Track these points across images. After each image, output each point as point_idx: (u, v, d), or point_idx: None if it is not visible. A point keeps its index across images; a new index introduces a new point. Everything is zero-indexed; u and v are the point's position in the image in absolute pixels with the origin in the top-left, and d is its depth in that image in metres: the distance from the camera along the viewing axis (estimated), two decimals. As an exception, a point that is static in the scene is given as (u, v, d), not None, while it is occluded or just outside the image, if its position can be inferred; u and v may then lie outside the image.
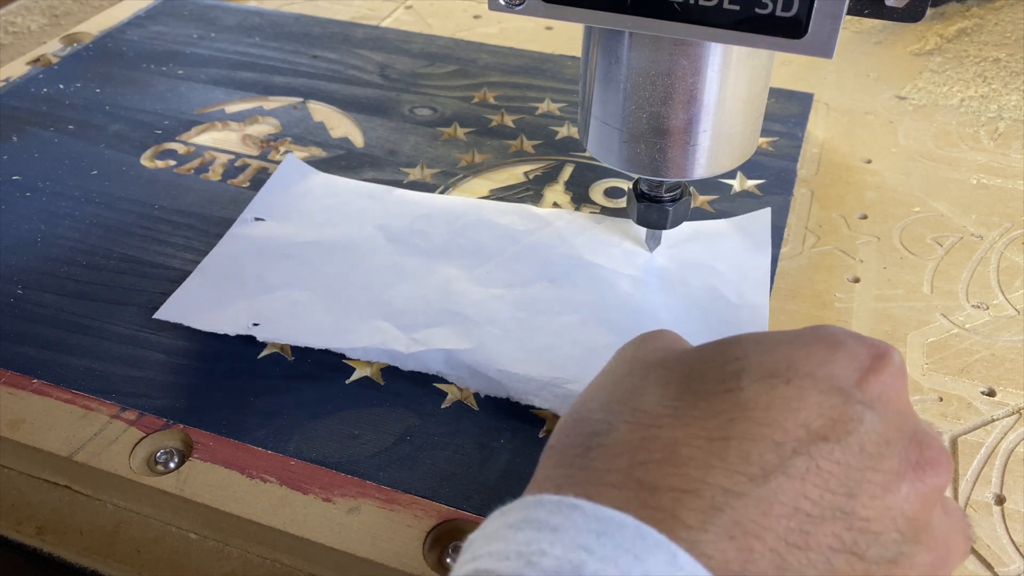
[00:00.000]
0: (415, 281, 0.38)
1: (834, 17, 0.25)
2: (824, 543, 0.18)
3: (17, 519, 0.31)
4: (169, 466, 0.31)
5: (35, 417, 0.33)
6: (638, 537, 0.17)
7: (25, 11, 0.64)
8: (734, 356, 0.21)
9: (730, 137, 0.31)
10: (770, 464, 0.19)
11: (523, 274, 0.39)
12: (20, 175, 0.46)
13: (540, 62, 0.55)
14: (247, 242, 0.41)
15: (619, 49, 0.30)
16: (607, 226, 0.41)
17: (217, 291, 0.38)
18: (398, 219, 0.42)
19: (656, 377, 0.22)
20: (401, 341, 0.35)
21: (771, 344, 0.22)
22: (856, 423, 0.20)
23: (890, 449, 0.20)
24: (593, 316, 0.36)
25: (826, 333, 0.22)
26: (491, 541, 0.18)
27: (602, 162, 0.33)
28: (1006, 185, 0.46)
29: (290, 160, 0.46)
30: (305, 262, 0.39)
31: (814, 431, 0.19)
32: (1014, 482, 0.31)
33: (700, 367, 0.22)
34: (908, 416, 0.21)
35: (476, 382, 0.34)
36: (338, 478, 0.31)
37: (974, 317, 0.38)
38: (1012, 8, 0.62)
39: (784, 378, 0.20)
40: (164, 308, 0.37)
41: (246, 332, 0.36)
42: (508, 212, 0.42)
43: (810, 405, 0.20)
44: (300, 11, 0.63)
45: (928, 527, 0.20)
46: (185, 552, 0.30)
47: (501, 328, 0.36)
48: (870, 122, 0.51)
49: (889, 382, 0.21)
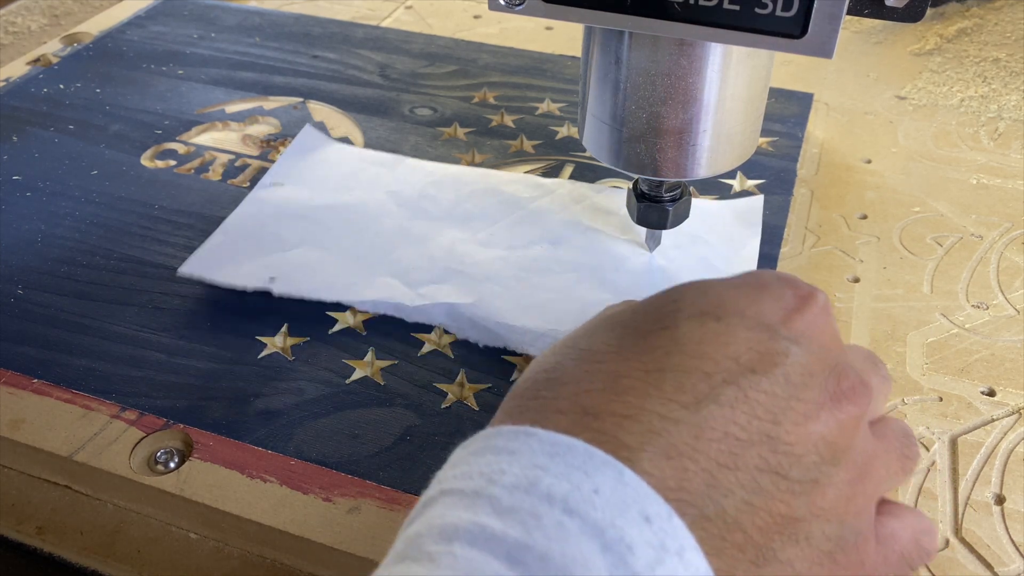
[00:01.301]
0: (422, 242, 0.41)
1: (834, 17, 0.25)
2: (751, 464, 0.20)
3: (17, 519, 0.31)
4: (169, 466, 0.31)
5: (35, 417, 0.33)
6: (587, 457, 0.19)
7: (25, 11, 0.64)
8: (672, 299, 0.23)
9: (730, 137, 0.31)
10: (702, 393, 0.21)
11: (525, 237, 0.41)
12: (20, 175, 0.46)
13: (540, 62, 0.55)
14: (266, 204, 0.43)
15: (619, 49, 0.30)
16: (606, 195, 0.43)
17: (237, 248, 0.40)
18: (408, 186, 0.44)
19: (605, 326, 0.24)
20: (407, 295, 0.37)
21: (706, 287, 0.24)
22: (782, 356, 0.22)
23: (812, 380, 0.22)
24: (590, 276, 0.39)
25: (756, 277, 0.24)
26: (455, 466, 0.20)
27: (602, 162, 0.33)
28: (1006, 185, 0.46)
29: (308, 130, 0.48)
30: (320, 223, 0.42)
31: (743, 363, 0.21)
32: (1014, 482, 0.31)
33: (643, 311, 0.24)
34: (832, 350, 0.23)
35: (476, 333, 0.36)
36: (338, 478, 0.31)
37: (974, 317, 0.38)
38: (1012, 8, 0.62)
39: (715, 315, 0.22)
40: (187, 264, 0.39)
41: (263, 286, 0.38)
42: (514, 181, 0.45)
43: (739, 340, 0.22)
44: (300, 11, 0.63)
45: (847, 450, 0.22)
46: (185, 552, 0.30)
47: (501, 285, 0.38)
48: (870, 122, 0.51)
49: (813, 319, 0.23)
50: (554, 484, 0.18)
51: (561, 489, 0.18)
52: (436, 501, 0.19)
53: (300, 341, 0.36)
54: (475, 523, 0.18)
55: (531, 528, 0.18)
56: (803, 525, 0.20)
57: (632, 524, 0.18)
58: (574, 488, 0.18)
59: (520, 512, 0.18)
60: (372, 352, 0.36)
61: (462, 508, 0.18)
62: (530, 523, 0.18)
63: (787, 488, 0.20)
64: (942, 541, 0.30)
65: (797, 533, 0.20)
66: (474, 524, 0.18)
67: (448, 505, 0.19)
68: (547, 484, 0.18)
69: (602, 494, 0.18)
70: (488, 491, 0.19)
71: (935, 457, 0.32)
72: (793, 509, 0.20)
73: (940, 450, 0.32)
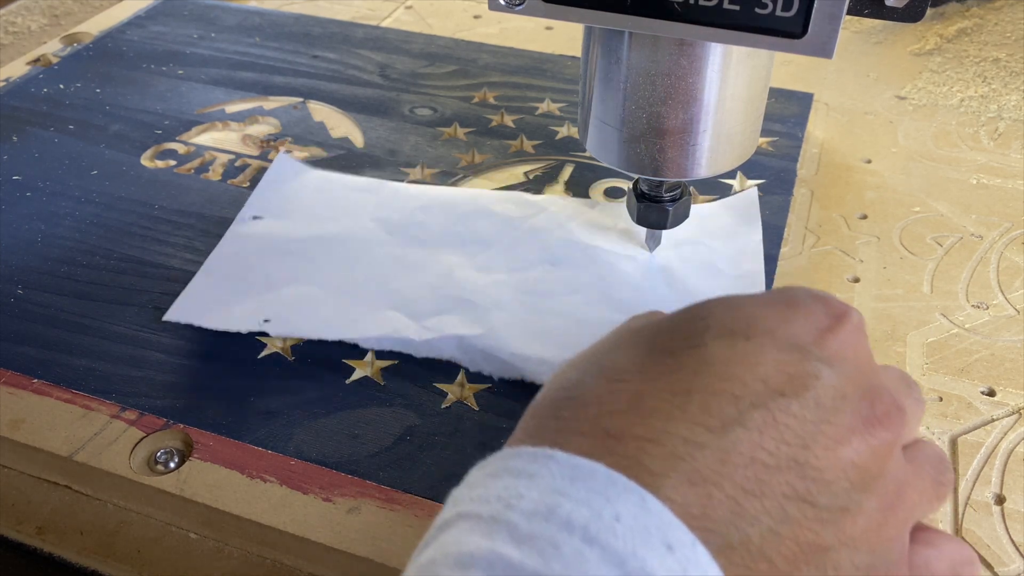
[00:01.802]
0: (418, 270, 0.39)
1: (834, 17, 0.25)
2: (778, 491, 0.19)
3: (17, 519, 0.31)
4: (169, 466, 0.31)
5: (35, 417, 0.33)
6: (609, 482, 0.18)
7: (25, 11, 0.64)
8: (700, 316, 0.23)
9: (730, 137, 0.31)
10: (729, 416, 0.20)
11: (524, 258, 0.40)
12: (20, 175, 0.46)
13: (540, 62, 0.55)
14: (248, 240, 0.41)
15: (619, 49, 0.30)
16: (600, 210, 0.43)
17: (223, 290, 0.38)
18: (395, 211, 0.43)
19: (629, 341, 0.23)
20: (412, 328, 0.36)
21: (735, 304, 0.23)
22: (813, 379, 0.21)
23: (844, 403, 0.21)
24: (595, 296, 0.38)
25: (788, 294, 0.24)
26: (472, 489, 0.19)
27: (602, 162, 0.33)
28: (1006, 185, 0.46)
29: (282, 158, 0.46)
30: (307, 257, 0.40)
31: (772, 386, 0.21)
32: (1014, 482, 0.31)
33: (669, 328, 0.23)
34: (865, 372, 0.22)
35: (490, 366, 0.35)
36: (338, 478, 0.31)
37: (974, 317, 0.38)
38: (1012, 8, 0.62)
39: (744, 335, 0.22)
40: (172, 310, 0.37)
41: (258, 329, 0.36)
42: (503, 200, 0.43)
43: (768, 361, 0.21)
44: (300, 11, 0.63)
45: (879, 477, 0.21)
46: (185, 552, 0.30)
47: (508, 312, 0.37)
48: (870, 122, 0.51)
49: (847, 339, 0.22)
50: (574, 511, 0.18)
51: (581, 516, 0.18)
52: (452, 525, 0.19)
53: (300, 341, 0.36)
54: (492, 551, 0.17)
55: (549, 558, 0.17)
56: (832, 554, 0.20)
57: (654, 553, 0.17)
58: (595, 515, 0.18)
59: (539, 540, 0.17)
60: (372, 352, 0.36)
61: (479, 535, 0.18)
62: (549, 552, 0.17)
63: (815, 516, 0.20)
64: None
65: (825, 563, 0.20)
66: (491, 552, 0.17)
67: (464, 530, 0.18)
68: (567, 511, 0.18)
69: (623, 521, 0.18)
70: (506, 517, 0.18)
71: (935, 457, 0.32)
72: (821, 538, 0.20)
73: (940, 450, 0.32)
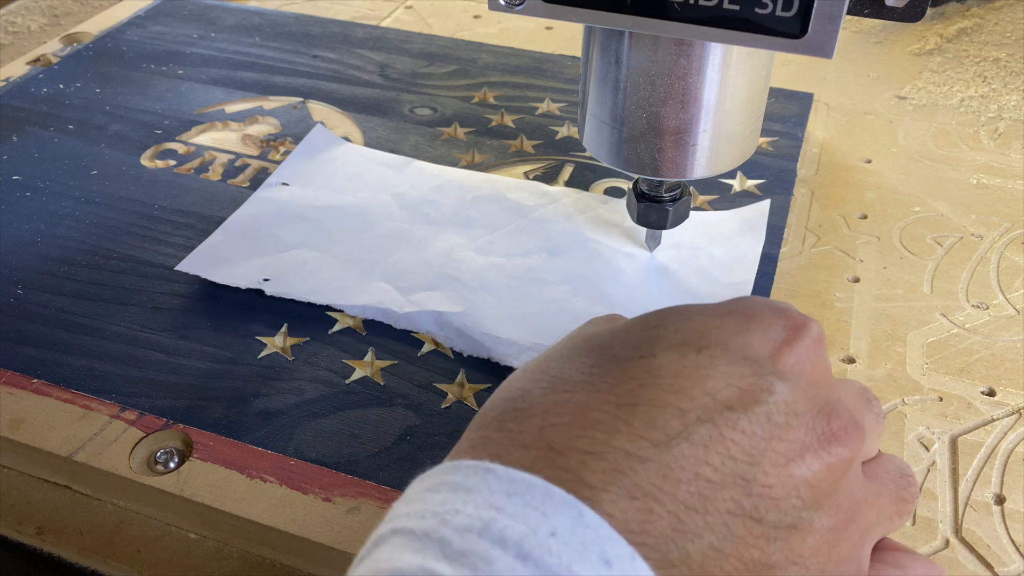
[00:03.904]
0: (420, 247, 0.41)
1: (834, 17, 0.25)
2: (722, 507, 0.19)
3: (17, 519, 0.31)
4: (169, 466, 0.31)
5: (35, 417, 0.33)
6: (546, 496, 0.18)
7: (25, 11, 0.64)
8: (652, 325, 0.22)
9: (730, 137, 0.31)
10: (674, 430, 0.20)
11: (524, 245, 0.41)
12: (20, 175, 0.46)
13: (540, 62, 0.55)
14: (270, 204, 0.43)
15: (619, 49, 0.30)
16: (612, 207, 0.43)
17: (235, 248, 0.40)
18: (414, 189, 0.44)
19: (581, 348, 0.23)
20: (397, 301, 0.37)
21: (689, 314, 0.22)
22: (765, 393, 0.20)
23: (798, 420, 0.20)
24: (585, 288, 0.38)
25: (745, 305, 0.23)
26: (410, 503, 0.19)
27: (602, 162, 0.33)
28: (1006, 185, 0.46)
29: (319, 129, 0.48)
30: (319, 224, 0.42)
31: (721, 400, 0.20)
32: (1014, 482, 0.31)
33: (620, 337, 0.22)
34: (822, 387, 0.22)
35: (462, 343, 0.36)
36: (338, 478, 0.31)
37: (974, 317, 0.38)
38: (1012, 8, 0.62)
39: (696, 347, 0.21)
40: (186, 261, 0.39)
41: (256, 286, 0.38)
42: (519, 188, 0.44)
43: (719, 374, 0.21)
44: (300, 11, 0.63)
45: (832, 494, 0.21)
46: (185, 552, 0.30)
47: (493, 294, 0.38)
48: (870, 122, 0.51)
49: (803, 353, 0.22)
50: (509, 526, 0.17)
51: (516, 532, 0.17)
52: (386, 541, 0.18)
53: (300, 341, 0.36)
54: (423, 568, 0.17)
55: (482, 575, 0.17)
56: (778, 572, 0.20)
57: (591, 568, 0.17)
58: (530, 531, 0.17)
59: (471, 557, 0.17)
60: (372, 352, 0.36)
61: (411, 551, 0.18)
62: (481, 569, 0.17)
63: (762, 533, 0.19)
64: (941, 541, 0.30)
65: None
66: (422, 569, 0.17)
67: (397, 547, 0.18)
68: (501, 526, 0.17)
69: (559, 537, 0.17)
70: (439, 533, 0.18)
71: (935, 457, 0.32)
72: (767, 555, 0.19)
73: (940, 450, 0.32)
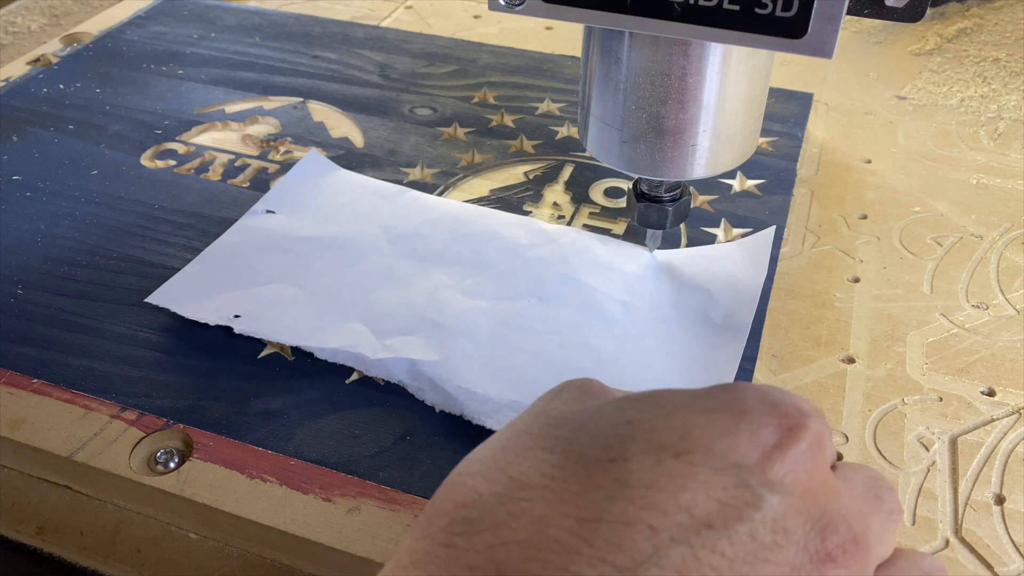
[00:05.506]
0: (403, 285, 0.38)
1: (834, 17, 0.25)
2: None
3: (17, 519, 0.31)
4: (169, 466, 0.31)
5: (35, 417, 0.33)
6: None
7: (25, 11, 0.64)
8: (626, 419, 0.20)
9: (730, 137, 0.31)
10: (642, 554, 0.17)
11: (514, 288, 0.38)
12: (20, 175, 0.46)
13: (540, 62, 0.55)
14: (251, 233, 0.41)
15: (619, 49, 0.30)
16: (611, 248, 0.40)
17: (209, 280, 0.38)
18: (405, 220, 0.42)
19: (546, 438, 0.20)
20: (371, 346, 0.35)
21: (669, 408, 0.20)
22: (750, 509, 0.18)
23: (787, 538, 0.18)
24: (575, 338, 0.35)
25: (737, 398, 0.20)
26: None
27: (602, 162, 0.33)
28: (1006, 185, 0.46)
29: (312, 155, 0.46)
30: (301, 257, 0.40)
31: (698, 516, 0.17)
32: (1014, 482, 0.31)
33: (591, 428, 0.20)
34: (818, 498, 0.19)
35: (434, 395, 0.33)
36: (338, 478, 0.31)
37: (974, 317, 0.38)
38: (1012, 8, 0.62)
39: (673, 451, 0.19)
40: (157, 292, 0.38)
41: (226, 323, 0.36)
42: (516, 225, 0.41)
43: (698, 485, 0.18)
44: (300, 11, 0.63)
45: None
46: (185, 552, 0.30)
47: (475, 342, 0.35)
48: (870, 122, 0.51)
49: (799, 460, 0.19)
50: None
51: None
52: None
53: (300, 341, 0.36)
54: None
55: None
56: None
57: None
58: None
59: None
60: (372, 352, 0.36)
61: None
62: None
63: None
64: (941, 541, 0.30)
65: None
66: None
67: None
68: None
69: None
70: None
71: (935, 457, 0.32)
72: None
73: (940, 450, 0.32)
